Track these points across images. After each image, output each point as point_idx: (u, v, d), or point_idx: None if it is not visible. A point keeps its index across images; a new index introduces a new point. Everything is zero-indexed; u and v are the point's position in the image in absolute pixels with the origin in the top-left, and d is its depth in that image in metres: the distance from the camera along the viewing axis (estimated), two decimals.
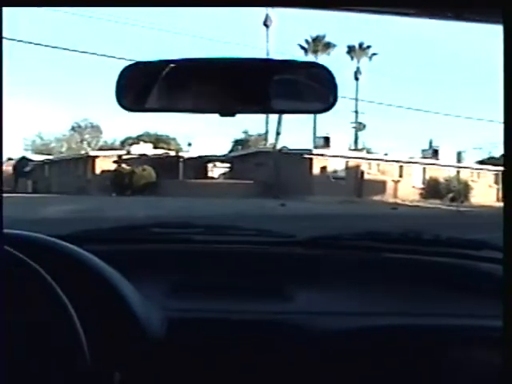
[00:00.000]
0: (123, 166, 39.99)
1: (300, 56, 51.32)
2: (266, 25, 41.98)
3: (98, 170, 40.99)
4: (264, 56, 45.04)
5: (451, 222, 19.59)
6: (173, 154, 43.06)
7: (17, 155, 60.19)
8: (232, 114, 1.36)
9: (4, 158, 62.26)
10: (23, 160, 53.56)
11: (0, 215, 1.22)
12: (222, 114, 1.36)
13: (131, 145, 48.60)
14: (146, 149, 44.49)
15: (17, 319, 1.11)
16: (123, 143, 59.38)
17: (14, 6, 1.09)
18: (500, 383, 1.09)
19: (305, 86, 1.38)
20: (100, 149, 55.46)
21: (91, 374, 1.12)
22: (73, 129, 72.99)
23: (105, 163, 41.00)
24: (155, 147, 46.70)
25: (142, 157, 41.38)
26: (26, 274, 1.20)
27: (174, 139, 59.53)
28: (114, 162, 40.99)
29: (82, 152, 53.30)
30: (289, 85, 1.37)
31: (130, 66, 1.36)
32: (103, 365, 1.17)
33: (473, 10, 1.06)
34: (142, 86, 1.36)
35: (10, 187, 48.34)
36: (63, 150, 69.64)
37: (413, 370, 1.52)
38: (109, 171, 39.92)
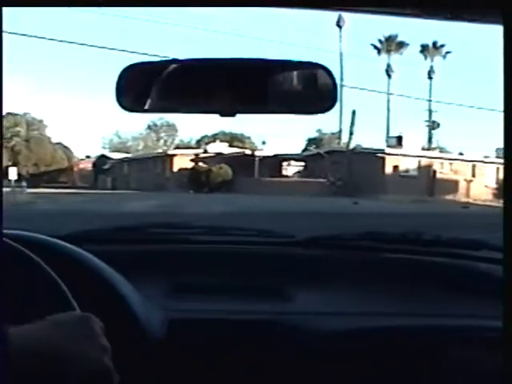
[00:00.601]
0: (200, 164, 40.59)
1: (373, 56, 51.47)
2: (338, 25, 42.09)
3: (175, 168, 41.68)
4: (337, 57, 45.35)
5: None
6: (248, 152, 43.40)
7: (95, 153, 61.56)
8: (232, 114, 1.36)
9: (82, 156, 63.82)
10: (102, 158, 55.11)
11: (0, 215, 1.18)
12: (222, 114, 1.36)
13: (207, 143, 49.23)
14: (222, 147, 44.83)
15: (16, 318, 1.07)
16: (199, 142, 59.43)
17: (14, 6, 1.08)
18: (500, 383, 1.06)
19: (305, 86, 1.37)
20: (176, 147, 56.02)
21: (91, 373, 1.07)
22: (149, 127, 73.36)
23: (182, 161, 41.64)
24: (230, 146, 47.00)
25: (219, 155, 41.79)
26: (26, 273, 1.22)
27: (248, 138, 59.56)
28: (192, 160, 41.56)
29: (160, 150, 53.82)
30: (289, 85, 1.37)
31: (129, 66, 1.36)
32: (103, 365, 1.11)
33: (472, 11, 1.05)
34: (142, 86, 1.35)
35: (89, 184, 49.75)
36: (140, 148, 70.39)
37: (412, 370, 1.53)
38: (186, 169, 40.60)
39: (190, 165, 41.10)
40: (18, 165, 47.70)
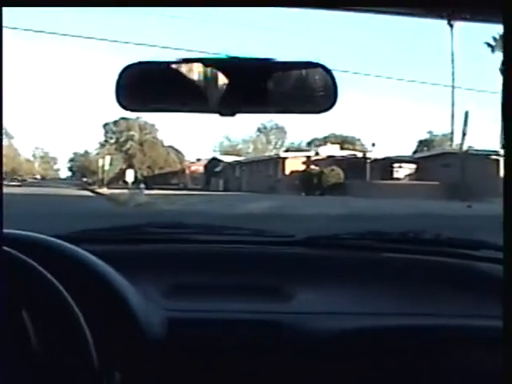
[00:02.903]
0: (312, 166, 40.56)
1: (486, 54, 49.98)
2: (450, 24, 41.10)
3: (287, 171, 41.73)
4: (449, 56, 44.25)
5: None
6: (360, 154, 43.05)
7: (206, 156, 62.66)
8: (232, 114, 1.36)
9: (193, 159, 64.98)
10: (214, 160, 55.94)
11: (0, 215, 1.18)
12: (222, 114, 1.36)
13: (318, 146, 49.17)
14: (334, 150, 44.70)
15: (16, 319, 1.09)
16: (309, 144, 59.79)
17: (14, 6, 1.07)
18: (500, 383, 1.07)
19: (305, 85, 1.37)
20: (287, 150, 56.26)
21: (91, 373, 1.09)
22: (259, 130, 74.14)
23: (294, 164, 41.68)
24: (342, 148, 46.76)
25: (330, 158, 41.68)
26: (26, 273, 1.21)
27: (359, 140, 59.41)
28: (303, 162, 41.61)
29: (271, 153, 54.18)
30: (289, 85, 1.37)
31: (130, 65, 1.36)
32: (103, 365, 1.14)
33: (473, 10, 1.05)
34: (142, 85, 1.36)
35: (201, 186, 50.58)
36: (250, 151, 71.11)
37: (412, 371, 1.52)
38: (298, 171, 40.59)
39: (302, 167, 41.13)
40: (133, 167, 48.91)
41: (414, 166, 42.66)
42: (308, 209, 21.00)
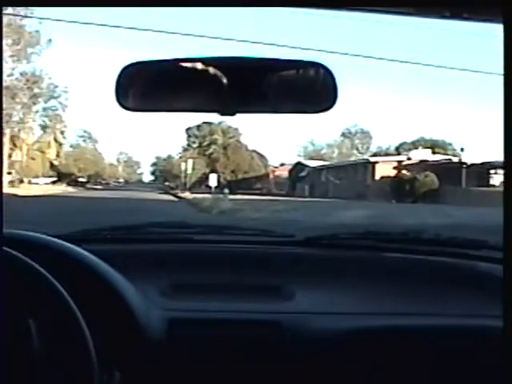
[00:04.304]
0: (403, 172, 39.13)
1: None
2: None
3: (377, 176, 40.60)
4: None
5: None
6: (455, 159, 41.20)
7: (290, 161, 62.28)
8: (232, 114, 1.35)
9: (276, 163, 65.04)
10: (299, 165, 55.25)
11: (0, 215, 1.21)
12: (222, 114, 1.35)
13: (409, 150, 47.66)
14: (426, 154, 43.35)
15: (16, 318, 1.12)
16: (398, 149, 58.72)
17: (14, 6, 0.84)
18: (500, 383, 1.09)
19: (305, 85, 1.37)
20: (374, 155, 55.65)
21: (91, 373, 1.12)
22: (343, 135, 74.20)
23: (384, 169, 40.45)
24: (433, 153, 45.42)
25: (423, 163, 40.26)
26: (26, 273, 1.19)
27: (450, 144, 57.73)
28: (394, 168, 40.29)
29: (356, 158, 53.51)
30: (289, 84, 1.36)
31: (129, 65, 1.34)
32: (103, 365, 1.17)
33: (472, 10, 1.06)
34: (142, 85, 1.36)
35: (285, 191, 49.87)
36: (334, 155, 70.91)
37: (412, 370, 1.51)
38: (388, 177, 39.33)
39: (393, 173, 39.89)
40: (216, 172, 48.55)
41: None
42: (405, 218, 19.65)
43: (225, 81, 1.31)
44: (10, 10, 32.29)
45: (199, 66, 1.33)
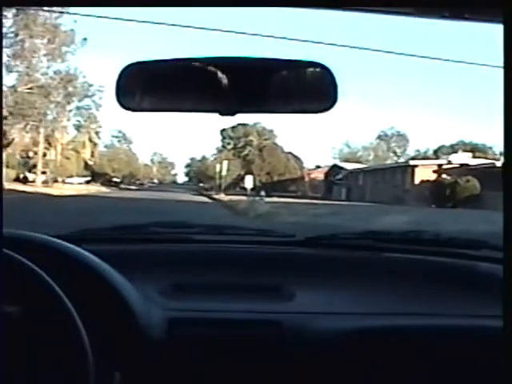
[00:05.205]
0: (444, 176, 38.16)
1: None
2: None
3: (416, 180, 39.60)
4: None
5: None
6: (499, 164, 40.20)
7: (325, 163, 61.80)
8: (232, 114, 1.35)
9: (312, 166, 64.65)
10: (335, 168, 54.60)
11: (0, 215, 1.22)
12: (222, 114, 1.35)
13: (448, 154, 46.81)
14: (466, 158, 42.34)
15: (16, 318, 1.13)
16: (436, 152, 57.93)
17: (14, 6, 0.94)
18: (500, 383, 1.10)
19: (305, 85, 1.36)
20: (412, 158, 54.66)
21: (91, 373, 1.12)
22: (379, 138, 73.65)
23: (424, 173, 39.41)
24: (474, 157, 44.30)
25: (464, 167, 39.17)
26: (26, 273, 1.20)
27: (490, 148, 56.73)
28: (434, 172, 39.35)
29: (396, 161, 52.81)
30: (289, 84, 1.36)
31: (130, 65, 1.35)
32: (103, 364, 1.17)
33: (473, 10, 1.07)
34: (142, 85, 1.36)
35: (321, 194, 49.32)
36: (370, 158, 70.40)
37: (413, 370, 1.51)
38: (428, 181, 38.34)
39: (433, 177, 38.85)
40: (252, 173, 48.15)
41: None
42: (450, 224, 18.74)
43: (225, 81, 1.30)
44: (45, 7, 32.18)
45: (199, 65, 1.32)
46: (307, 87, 1.37)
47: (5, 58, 36.26)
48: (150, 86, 1.36)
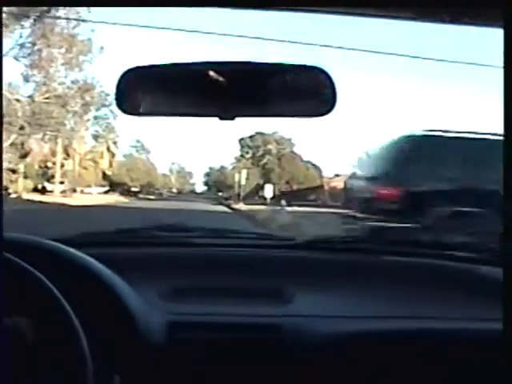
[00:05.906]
0: None
1: None
2: None
3: None
4: None
5: None
6: None
7: (345, 172, 61.28)
8: (231, 118, 1.35)
9: (331, 174, 63.96)
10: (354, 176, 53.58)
11: (0, 218, 1.22)
12: (222, 118, 1.35)
13: None
14: None
15: (16, 322, 1.12)
16: None
17: (13, 6, 0.97)
18: None
19: (304, 89, 1.37)
20: None
21: (91, 377, 1.12)
22: None
23: None
24: None
25: None
26: (25, 277, 1.19)
27: None
28: None
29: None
30: (288, 88, 1.36)
31: (129, 70, 1.36)
32: (103, 368, 1.17)
33: (473, 13, 1.07)
34: (142, 90, 1.37)
35: (340, 203, 48.54)
36: None
37: (412, 373, 1.50)
38: None
39: None
40: (271, 182, 47.67)
41: None
42: None
43: (224, 85, 1.30)
44: (62, 14, 31.81)
45: (199, 70, 1.32)
46: (306, 91, 1.36)
47: (22, 68, 36.10)
48: (150, 90, 1.36)
